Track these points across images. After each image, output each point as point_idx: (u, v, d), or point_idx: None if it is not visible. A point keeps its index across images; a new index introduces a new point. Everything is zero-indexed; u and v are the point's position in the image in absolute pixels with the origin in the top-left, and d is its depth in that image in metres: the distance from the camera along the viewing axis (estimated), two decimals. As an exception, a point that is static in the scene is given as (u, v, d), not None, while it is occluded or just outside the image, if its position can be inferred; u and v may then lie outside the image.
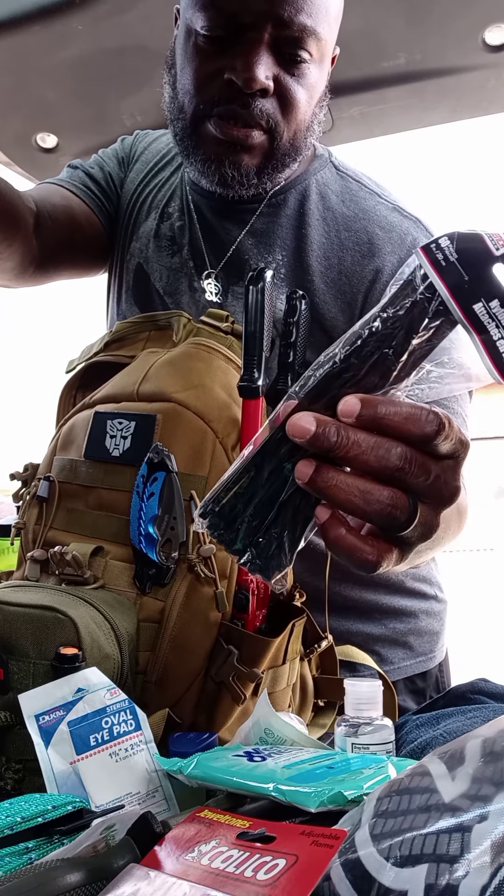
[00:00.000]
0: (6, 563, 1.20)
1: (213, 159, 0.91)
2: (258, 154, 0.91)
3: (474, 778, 0.37)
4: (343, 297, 0.97)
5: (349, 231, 0.98)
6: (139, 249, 1.06)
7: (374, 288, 0.96)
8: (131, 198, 1.10)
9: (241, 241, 0.99)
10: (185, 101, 0.91)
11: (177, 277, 1.03)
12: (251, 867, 0.40)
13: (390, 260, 0.97)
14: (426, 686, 1.13)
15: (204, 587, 0.74)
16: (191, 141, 0.93)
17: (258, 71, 0.84)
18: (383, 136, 1.52)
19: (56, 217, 1.02)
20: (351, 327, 0.51)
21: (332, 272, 0.97)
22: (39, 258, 1.00)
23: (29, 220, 0.97)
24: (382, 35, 1.09)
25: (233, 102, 0.87)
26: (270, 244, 0.99)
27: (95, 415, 0.81)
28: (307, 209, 1.00)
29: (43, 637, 0.66)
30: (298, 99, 0.89)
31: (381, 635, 1.08)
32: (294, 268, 0.98)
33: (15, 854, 0.46)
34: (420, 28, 1.29)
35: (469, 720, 0.75)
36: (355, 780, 0.49)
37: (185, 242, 1.03)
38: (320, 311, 0.96)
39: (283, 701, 0.80)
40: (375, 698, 0.64)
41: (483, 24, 1.27)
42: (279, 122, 0.89)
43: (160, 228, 1.05)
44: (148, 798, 0.57)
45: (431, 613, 1.13)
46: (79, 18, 1.31)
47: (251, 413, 0.76)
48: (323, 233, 0.99)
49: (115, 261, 1.11)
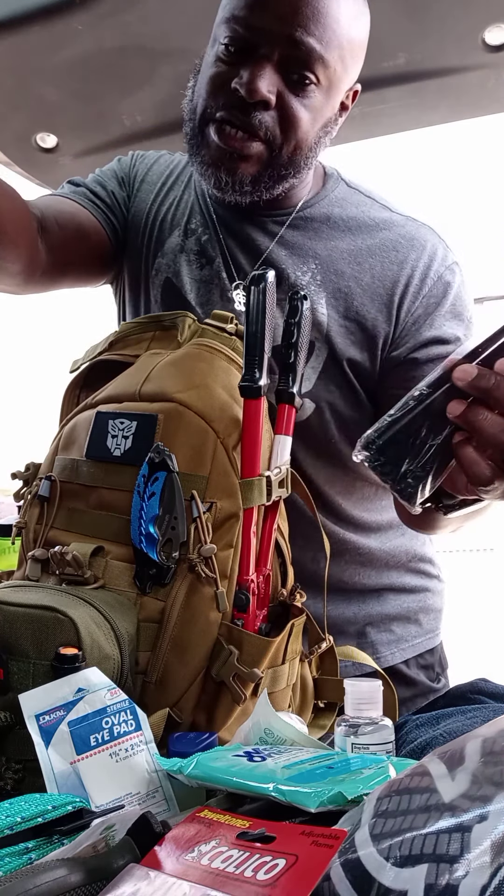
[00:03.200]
0: (7, 563, 1.20)
1: (210, 164, 0.95)
2: (255, 164, 0.94)
3: (474, 778, 0.37)
4: (379, 299, 1.01)
5: (374, 239, 1.04)
6: (166, 265, 1.08)
7: (408, 290, 1.02)
8: (147, 217, 1.11)
9: (272, 250, 1.03)
10: (197, 104, 0.97)
11: (208, 289, 1.05)
12: (251, 867, 0.40)
13: (417, 265, 1.03)
14: (433, 661, 1.18)
15: (204, 587, 0.74)
16: (196, 141, 0.97)
17: (260, 83, 0.89)
18: (383, 136, 1.52)
19: (63, 223, 1.03)
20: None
21: (366, 276, 1.02)
22: (46, 263, 1.00)
23: (34, 224, 0.97)
24: (382, 35, 1.09)
25: (234, 109, 0.91)
26: (303, 254, 1.03)
27: (97, 415, 0.81)
28: (332, 222, 1.05)
29: (43, 637, 0.66)
30: (300, 118, 0.93)
31: (396, 614, 1.13)
32: (328, 273, 1.02)
33: (15, 854, 0.46)
34: (420, 28, 1.28)
35: (469, 720, 0.75)
36: (355, 780, 0.49)
37: (214, 255, 1.06)
38: (360, 313, 1.01)
39: (282, 701, 0.80)
40: (375, 698, 0.64)
41: (483, 24, 1.26)
42: (277, 136, 0.93)
43: (186, 244, 1.08)
44: (148, 798, 0.57)
45: (436, 591, 1.19)
46: (79, 18, 1.31)
47: (252, 413, 0.76)
48: (350, 241, 1.04)
49: (133, 278, 1.12)
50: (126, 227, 1.11)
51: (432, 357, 1.01)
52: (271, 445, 0.82)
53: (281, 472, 0.80)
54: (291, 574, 0.85)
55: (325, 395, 1.00)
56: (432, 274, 1.02)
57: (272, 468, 0.79)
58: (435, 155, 3.13)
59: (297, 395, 0.85)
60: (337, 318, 1.01)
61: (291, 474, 0.83)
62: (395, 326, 1.01)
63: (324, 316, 1.00)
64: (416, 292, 1.02)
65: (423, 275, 1.02)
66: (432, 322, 1.01)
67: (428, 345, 1.01)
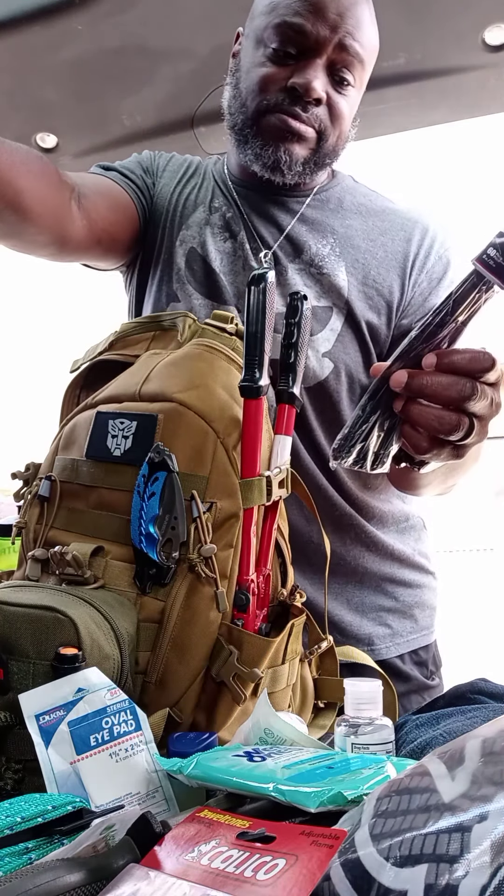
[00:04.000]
0: (7, 563, 1.20)
1: (271, 144, 1.06)
2: (307, 148, 1.07)
3: (474, 778, 0.37)
4: (394, 270, 1.13)
5: (383, 222, 1.16)
6: (191, 236, 1.15)
7: (415, 264, 1.14)
8: (170, 197, 1.19)
9: (294, 226, 1.13)
10: (247, 98, 1.07)
11: (233, 260, 1.12)
12: (251, 867, 0.40)
13: (422, 242, 1.15)
14: (427, 658, 1.20)
15: (204, 587, 0.74)
16: (251, 130, 1.08)
17: (317, 84, 1.02)
18: (383, 135, 1.52)
19: (103, 192, 1.12)
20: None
21: (379, 251, 1.13)
22: (83, 229, 1.06)
23: (65, 196, 1.03)
24: (382, 35, 1.09)
25: (294, 105, 1.04)
26: (322, 230, 1.14)
27: (97, 415, 0.81)
28: (345, 205, 1.17)
29: (43, 637, 0.66)
30: (344, 113, 1.07)
31: (392, 607, 1.15)
32: (346, 247, 1.13)
33: (15, 854, 0.46)
34: (420, 28, 1.29)
35: (469, 720, 0.75)
36: (355, 780, 0.49)
37: (238, 229, 1.14)
38: (377, 280, 1.12)
39: (282, 701, 0.80)
40: (375, 698, 0.64)
41: (483, 24, 1.27)
42: (328, 128, 1.07)
43: (210, 218, 1.16)
44: (148, 798, 0.57)
45: (431, 588, 1.22)
46: (79, 18, 1.32)
47: (252, 413, 0.76)
48: (362, 221, 1.16)
49: (157, 250, 1.17)
50: (151, 212, 1.19)
51: None
52: (271, 445, 0.82)
53: (281, 472, 0.80)
54: (291, 574, 0.85)
55: (342, 356, 1.08)
56: (435, 252, 1.15)
57: (272, 468, 0.79)
58: (435, 155, 3.12)
59: (297, 396, 0.85)
60: (356, 284, 1.10)
61: (291, 474, 0.83)
62: (404, 296, 1.13)
63: (344, 282, 1.10)
64: (422, 266, 1.14)
65: (427, 252, 1.14)
66: (437, 292, 1.13)
67: None
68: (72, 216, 1.04)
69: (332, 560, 0.98)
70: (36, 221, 0.97)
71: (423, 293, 1.13)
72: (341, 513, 1.11)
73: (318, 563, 0.98)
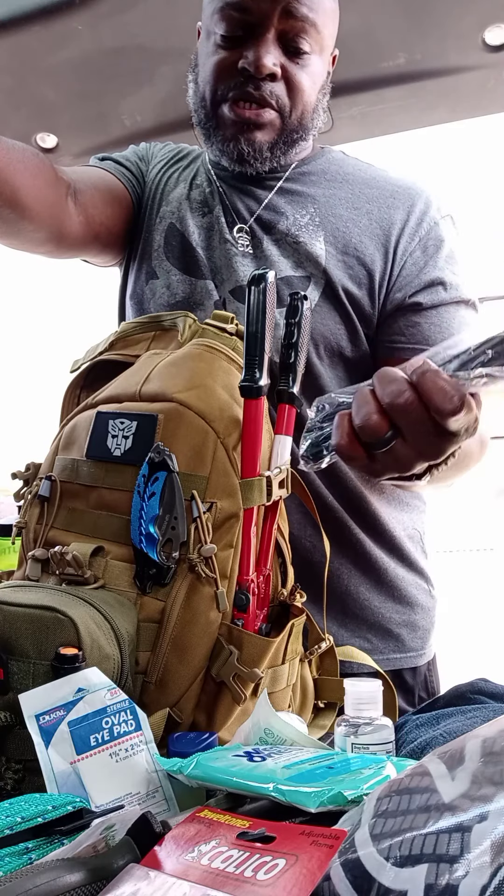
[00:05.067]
0: (7, 563, 1.20)
1: (230, 138, 1.04)
2: (270, 131, 1.04)
3: (474, 778, 0.37)
4: (377, 239, 1.07)
5: (371, 188, 1.11)
6: (171, 212, 1.14)
7: (404, 231, 1.07)
8: (156, 177, 1.19)
9: (272, 199, 1.10)
10: (205, 91, 1.05)
11: (209, 234, 1.11)
12: (251, 867, 0.40)
13: (413, 209, 1.09)
14: (415, 684, 1.14)
15: (204, 587, 0.74)
16: (211, 123, 1.06)
17: (266, 59, 0.98)
18: (383, 136, 1.52)
19: (98, 186, 1.11)
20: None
21: (363, 219, 1.08)
22: (79, 225, 1.06)
23: (61, 193, 1.03)
24: (382, 35, 1.10)
25: (246, 86, 1.00)
26: (302, 200, 1.10)
27: (97, 415, 0.81)
28: (330, 174, 1.13)
29: (43, 637, 0.66)
30: (303, 83, 1.02)
31: (374, 623, 1.09)
32: (327, 216, 1.08)
33: (15, 854, 0.46)
34: (420, 28, 1.29)
35: (469, 720, 0.75)
36: (355, 780, 0.49)
37: (215, 203, 1.13)
38: (358, 249, 1.07)
39: (282, 701, 0.80)
40: (375, 698, 0.64)
41: (483, 24, 1.27)
42: (286, 104, 1.03)
43: (191, 194, 1.15)
44: (148, 798, 0.57)
45: (425, 609, 1.15)
46: (79, 18, 1.32)
47: (252, 413, 0.76)
48: (348, 190, 1.11)
49: (139, 231, 1.17)
50: (142, 197, 1.18)
51: (437, 303, 1.05)
52: (271, 445, 0.82)
53: (281, 472, 0.80)
54: (291, 574, 0.85)
55: (320, 328, 1.04)
56: (428, 219, 1.08)
57: (272, 468, 0.79)
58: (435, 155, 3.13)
59: (297, 395, 0.85)
60: (335, 254, 1.06)
61: (291, 474, 0.83)
62: (393, 266, 1.06)
63: (321, 251, 1.06)
64: (413, 233, 1.07)
65: (420, 218, 1.08)
66: (435, 263, 1.06)
67: (431, 286, 1.05)
68: (68, 213, 1.04)
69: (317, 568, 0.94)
70: (33, 218, 0.97)
71: (416, 263, 1.06)
72: (332, 509, 1.06)
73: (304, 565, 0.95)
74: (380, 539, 1.11)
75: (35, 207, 0.97)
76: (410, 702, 1.11)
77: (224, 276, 1.08)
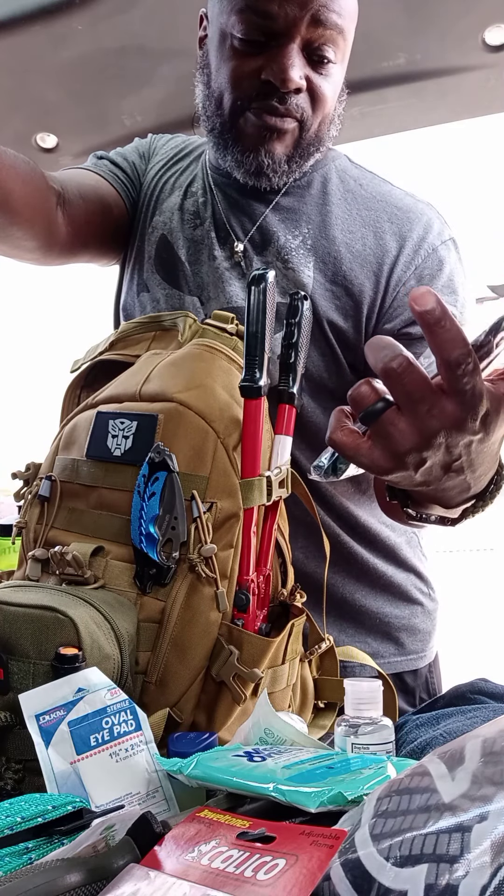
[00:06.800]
0: (7, 563, 1.20)
1: (250, 150, 0.99)
2: (289, 142, 0.99)
3: (474, 778, 0.37)
4: (369, 266, 1.03)
5: (370, 210, 1.06)
6: (163, 223, 1.12)
7: (399, 259, 1.02)
8: (153, 180, 1.15)
9: (267, 216, 1.06)
10: (222, 98, 0.99)
11: (198, 249, 1.08)
12: (251, 867, 0.40)
13: (410, 235, 1.03)
14: (416, 686, 1.14)
15: (204, 587, 0.74)
16: (230, 134, 1.00)
17: (293, 72, 0.92)
18: (383, 136, 1.52)
19: (86, 195, 1.07)
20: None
21: (357, 244, 1.03)
22: (67, 235, 1.04)
23: (51, 200, 1.01)
24: (382, 35, 1.09)
25: (270, 98, 0.95)
26: (297, 219, 1.05)
27: (98, 414, 0.81)
28: (329, 190, 1.08)
29: (43, 637, 0.66)
30: (326, 95, 0.97)
31: (373, 626, 1.09)
32: (319, 238, 1.04)
33: (15, 854, 0.46)
34: (420, 28, 1.29)
35: (469, 720, 0.75)
36: (355, 781, 0.49)
37: (207, 216, 1.09)
38: (347, 277, 1.02)
39: (283, 701, 0.80)
40: (375, 698, 0.64)
41: (483, 24, 1.27)
42: (308, 116, 0.97)
43: (184, 204, 1.12)
44: (148, 798, 0.57)
45: (425, 612, 1.15)
46: (79, 18, 1.32)
47: (252, 413, 0.76)
48: (346, 209, 1.06)
49: (133, 237, 1.15)
50: (137, 199, 1.15)
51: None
52: (271, 445, 0.82)
53: (281, 472, 0.80)
54: (291, 574, 0.85)
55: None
56: (426, 246, 1.03)
57: (272, 468, 0.79)
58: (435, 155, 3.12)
59: (297, 396, 0.85)
60: (323, 282, 1.02)
61: (291, 474, 0.83)
62: (385, 295, 1.02)
63: (309, 278, 1.02)
64: (408, 262, 1.02)
65: (417, 245, 1.02)
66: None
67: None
68: (57, 222, 1.02)
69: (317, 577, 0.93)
70: (23, 225, 0.96)
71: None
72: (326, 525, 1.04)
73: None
74: (372, 546, 1.10)
75: (25, 213, 0.95)
76: (411, 703, 1.11)
77: (210, 293, 1.06)
